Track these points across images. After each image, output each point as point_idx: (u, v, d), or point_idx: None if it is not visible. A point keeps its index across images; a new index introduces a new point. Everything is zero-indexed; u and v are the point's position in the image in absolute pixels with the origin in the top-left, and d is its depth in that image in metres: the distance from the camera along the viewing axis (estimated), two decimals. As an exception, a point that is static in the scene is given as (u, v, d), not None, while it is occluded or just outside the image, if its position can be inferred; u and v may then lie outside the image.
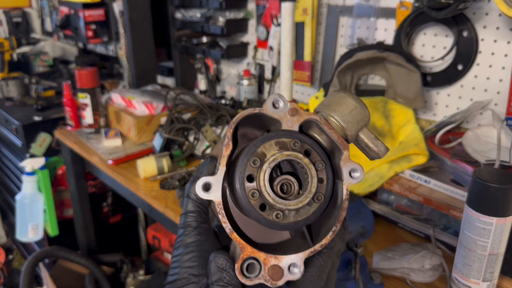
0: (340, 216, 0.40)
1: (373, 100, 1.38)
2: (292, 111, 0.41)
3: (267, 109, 0.40)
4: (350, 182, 0.40)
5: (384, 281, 0.98)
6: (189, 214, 0.43)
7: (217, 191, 0.39)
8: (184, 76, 2.38)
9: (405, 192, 1.19)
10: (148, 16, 2.30)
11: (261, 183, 0.39)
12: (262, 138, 0.40)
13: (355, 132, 0.42)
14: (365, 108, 0.42)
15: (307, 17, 1.68)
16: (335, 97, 0.42)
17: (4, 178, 2.82)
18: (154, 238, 2.29)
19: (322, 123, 0.41)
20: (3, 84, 2.61)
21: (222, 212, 0.39)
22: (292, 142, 0.39)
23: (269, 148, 0.39)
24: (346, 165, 0.40)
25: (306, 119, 0.41)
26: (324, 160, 0.40)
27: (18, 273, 2.69)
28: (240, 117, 0.40)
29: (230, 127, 0.40)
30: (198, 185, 0.39)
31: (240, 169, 0.39)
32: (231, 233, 0.39)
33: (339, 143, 0.40)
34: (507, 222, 0.82)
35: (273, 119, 0.41)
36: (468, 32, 1.29)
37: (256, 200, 0.39)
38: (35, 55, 3.13)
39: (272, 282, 0.39)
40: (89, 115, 1.92)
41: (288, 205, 0.39)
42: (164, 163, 1.52)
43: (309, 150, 0.40)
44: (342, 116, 0.41)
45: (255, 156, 0.39)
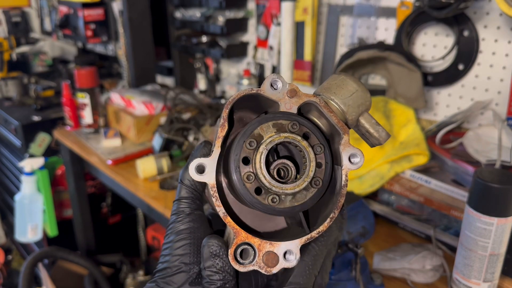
0: (338, 203, 0.38)
1: (373, 100, 1.37)
2: (291, 92, 0.39)
3: (264, 89, 0.39)
4: (349, 167, 0.39)
5: (384, 282, 0.97)
6: (182, 200, 0.42)
7: (211, 173, 0.38)
8: (183, 75, 2.38)
9: (405, 193, 1.18)
10: (147, 16, 2.30)
11: (257, 165, 0.37)
12: (259, 120, 0.38)
13: (355, 117, 0.40)
14: (366, 91, 0.40)
15: (308, 16, 1.68)
16: (335, 80, 0.41)
17: (3, 178, 2.81)
18: (154, 239, 2.28)
19: (321, 105, 0.39)
20: (2, 84, 2.60)
21: (216, 195, 0.38)
22: (290, 124, 0.38)
23: (266, 130, 0.38)
24: (346, 150, 0.39)
25: (305, 101, 0.39)
26: (323, 144, 0.38)
27: (17, 273, 2.69)
28: (237, 97, 0.39)
29: (225, 107, 0.39)
30: (191, 167, 0.38)
31: (236, 151, 0.37)
32: (225, 217, 0.38)
33: (339, 127, 0.39)
34: (508, 223, 0.82)
35: (271, 101, 0.39)
36: (469, 32, 1.29)
37: (251, 183, 0.37)
38: (34, 55, 3.13)
39: (267, 269, 0.37)
40: (88, 115, 1.92)
41: (285, 188, 0.37)
42: (163, 163, 1.51)
43: (307, 133, 0.38)
44: (343, 99, 0.40)
45: (251, 137, 0.37)
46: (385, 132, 0.41)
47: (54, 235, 2.25)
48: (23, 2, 3.35)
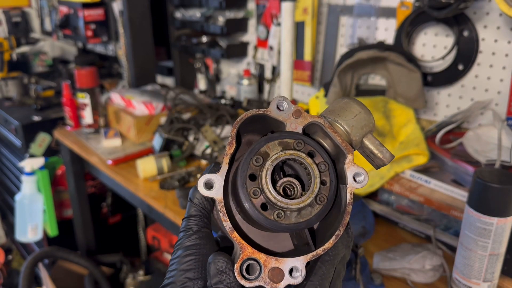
0: (343, 221, 0.39)
1: (373, 100, 1.38)
2: (296, 113, 0.41)
3: (271, 110, 0.40)
4: (354, 186, 0.40)
5: (384, 282, 0.97)
6: (191, 218, 0.43)
7: (219, 189, 0.39)
8: (183, 75, 2.38)
9: (405, 193, 1.18)
10: (147, 16, 2.30)
11: (263, 180, 0.38)
12: (266, 138, 0.40)
13: (359, 138, 0.42)
14: (370, 113, 0.42)
15: (307, 16, 1.68)
16: (339, 103, 0.43)
17: (3, 178, 2.81)
18: (154, 239, 2.28)
19: (326, 126, 0.41)
20: (2, 84, 2.60)
21: (223, 210, 0.39)
22: (296, 143, 0.39)
23: (272, 148, 0.39)
24: (350, 169, 0.40)
25: (310, 121, 0.41)
26: (327, 162, 0.39)
27: (18, 273, 2.69)
28: (245, 117, 0.40)
29: (234, 126, 0.40)
30: (200, 182, 0.39)
31: (243, 168, 0.39)
32: (231, 232, 0.38)
33: (343, 147, 0.40)
34: (507, 223, 0.82)
35: (277, 121, 0.41)
36: (469, 32, 1.29)
37: (257, 199, 0.38)
38: (34, 55, 3.13)
39: (272, 285, 0.38)
40: (89, 115, 1.92)
41: (290, 204, 0.38)
42: (163, 163, 1.52)
43: (312, 152, 0.40)
44: (347, 121, 0.41)
45: (258, 155, 0.39)
46: (389, 153, 0.42)
47: (54, 235, 2.25)
48: (23, 2, 3.35)
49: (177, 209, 1.34)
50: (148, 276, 2.23)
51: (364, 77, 1.54)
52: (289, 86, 1.29)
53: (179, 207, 1.34)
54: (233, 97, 2.04)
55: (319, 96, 1.48)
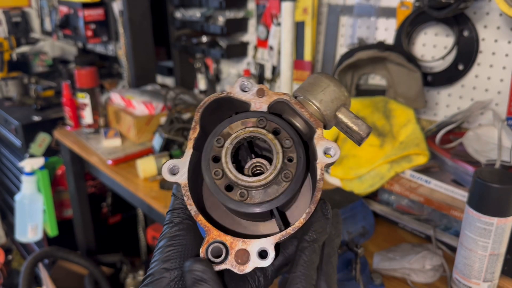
0: (314, 197, 0.37)
1: (373, 100, 1.38)
2: (260, 92, 0.40)
3: (234, 92, 0.40)
4: (324, 161, 0.38)
5: (384, 282, 0.97)
6: (174, 211, 0.42)
7: (183, 174, 0.39)
8: (183, 75, 2.38)
9: (405, 193, 1.18)
10: (147, 16, 2.30)
11: (223, 159, 0.37)
12: (229, 119, 0.39)
13: (330, 112, 0.40)
14: (340, 86, 0.40)
15: (308, 16, 1.68)
16: (309, 79, 0.41)
17: (3, 178, 2.81)
18: (154, 238, 2.28)
19: (292, 102, 0.39)
20: (3, 84, 2.60)
21: (187, 194, 0.38)
22: (258, 121, 0.38)
23: (235, 128, 0.38)
24: (320, 143, 0.38)
25: (275, 99, 0.40)
26: (292, 138, 0.38)
27: (18, 273, 2.69)
28: (208, 100, 0.39)
29: (197, 110, 0.40)
30: (164, 168, 0.39)
31: (206, 150, 0.38)
32: (197, 216, 0.38)
33: (311, 122, 0.39)
34: (508, 223, 0.82)
35: (243, 103, 0.40)
36: (469, 32, 1.29)
37: (220, 180, 0.37)
38: (35, 55, 3.13)
39: (239, 267, 0.36)
40: (89, 115, 1.92)
41: (252, 182, 0.37)
42: (163, 163, 1.51)
43: (277, 129, 0.39)
44: (315, 95, 0.40)
45: (220, 136, 0.38)
46: (365, 125, 0.40)
47: (54, 235, 2.25)
48: (23, 2, 3.35)
49: (177, 209, 1.34)
50: (148, 276, 2.23)
51: (364, 77, 1.54)
52: (289, 86, 1.29)
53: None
54: (233, 97, 2.04)
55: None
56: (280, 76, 1.31)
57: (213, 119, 0.41)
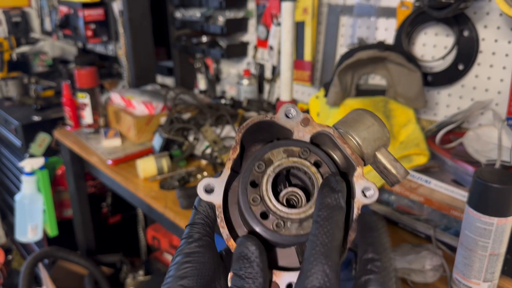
0: (349, 237, 0.37)
1: (373, 100, 1.38)
2: (305, 121, 0.39)
3: (279, 117, 0.39)
4: (362, 201, 0.37)
5: (384, 282, 0.97)
6: (194, 225, 0.42)
7: (219, 194, 0.38)
8: (183, 75, 2.38)
9: (405, 193, 1.18)
10: (147, 16, 2.30)
11: (263, 187, 0.37)
12: (271, 145, 0.38)
13: (371, 151, 0.40)
14: (384, 126, 0.40)
15: (308, 16, 1.68)
16: (352, 114, 0.41)
17: (3, 178, 2.81)
18: (154, 239, 2.28)
19: (335, 136, 0.39)
20: (2, 84, 2.60)
21: (221, 216, 0.38)
22: (301, 151, 0.38)
23: (276, 155, 0.38)
24: (359, 182, 0.38)
25: (318, 130, 0.39)
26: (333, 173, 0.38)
27: (17, 273, 2.69)
28: (251, 122, 0.39)
29: (239, 131, 0.39)
30: (200, 186, 0.38)
31: (245, 173, 0.38)
32: (228, 240, 0.37)
33: (353, 159, 0.38)
34: (508, 223, 0.82)
35: (284, 129, 0.39)
36: (469, 32, 1.29)
37: (257, 206, 0.37)
38: (34, 55, 3.13)
39: None
40: (89, 115, 1.92)
41: (290, 214, 0.36)
42: (163, 163, 1.52)
43: (318, 161, 0.38)
44: (358, 132, 0.39)
45: (261, 161, 0.38)
46: (404, 169, 0.40)
47: (54, 235, 2.25)
48: (23, 2, 3.35)
49: (177, 209, 1.34)
50: (148, 276, 2.23)
51: (364, 77, 1.54)
52: (289, 86, 1.29)
53: (179, 207, 1.34)
54: (233, 97, 2.04)
55: (319, 96, 1.48)
56: (280, 76, 1.31)
57: (250, 138, 0.41)
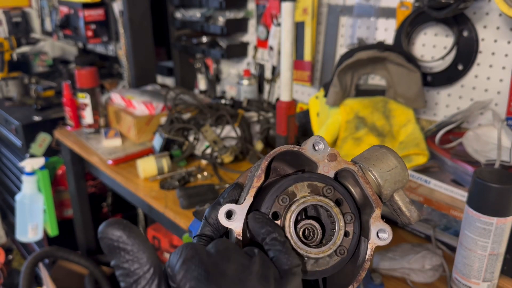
0: (359, 276, 0.38)
1: (373, 100, 1.38)
2: (331, 157, 0.39)
3: (306, 149, 0.39)
4: (376, 242, 0.38)
5: (384, 282, 0.98)
6: (202, 237, 0.41)
7: (240, 221, 0.38)
8: (183, 75, 2.38)
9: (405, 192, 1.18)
10: (147, 16, 2.30)
11: (286, 223, 0.37)
12: (296, 178, 0.38)
13: (390, 192, 0.40)
14: (406, 169, 0.40)
15: (307, 16, 1.68)
16: (376, 152, 0.41)
17: (3, 178, 2.81)
18: (154, 238, 2.29)
19: (359, 175, 0.39)
20: (3, 84, 2.60)
21: (240, 244, 0.38)
22: (325, 188, 0.38)
23: (300, 189, 0.38)
24: (375, 224, 0.38)
25: (343, 167, 0.39)
26: (354, 213, 0.38)
27: (18, 273, 2.69)
28: (279, 151, 0.39)
29: (265, 159, 0.39)
30: (222, 211, 0.38)
31: (267, 203, 0.38)
32: None
33: (373, 200, 0.38)
34: (507, 222, 0.82)
35: (310, 161, 0.40)
36: (469, 32, 1.29)
37: None
38: (35, 55, 3.13)
39: None
40: (89, 115, 1.92)
41: (309, 252, 0.37)
42: (163, 163, 1.52)
43: (340, 200, 0.38)
44: (381, 173, 0.40)
45: (285, 194, 0.38)
46: (417, 213, 0.41)
47: (55, 235, 2.25)
48: (23, 2, 3.35)
49: (177, 209, 1.34)
50: (148, 276, 2.23)
51: (364, 77, 1.54)
52: (289, 86, 1.29)
53: (179, 207, 1.34)
54: (233, 97, 2.04)
55: (319, 96, 1.48)
56: (280, 76, 1.31)
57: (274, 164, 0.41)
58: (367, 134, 1.33)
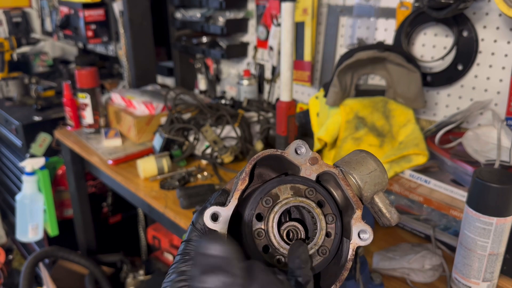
0: (341, 276, 0.39)
1: (373, 100, 1.38)
2: (313, 160, 0.41)
3: (288, 153, 0.41)
4: (357, 243, 0.39)
5: (384, 281, 0.98)
6: (189, 242, 0.42)
7: (225, 223, 0.39)
8: (184, 76, 2.38)
9: (405, 192, 1.18)
10: (148, 16, 2.30)
11: (270, 223, 0.38)
12: (279, 180, 0.40)
13: (370, 194, 0.42)
14: (385, 172, 0.42)
15: (307, 17, 1.68)
16: (356, 156, 0.43)
17: (4, 178, 2.82)
18: (154, 238, 2.29)
19: (340, 178, 0.40)
20: (3, 84, 2.61)
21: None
22: (308, 190, 0.39)
23: (283, 191, 0.39)
24: (357, 224, 0.39)
25: (325, 170, 0.41)
26: (335, 214, 0.39)
27: (18, 273, 2.70)
28: (262, 155, 0.40)
29: (249, 163, 0.40)
30: (207, 214, 0.39)
31: (252, 206, 0.39)
32: None
33: (354, 202, 0.40)
34: (507, 222, 0.82)
35: (292, 164, 0.41)
36: (468, 32, 1.29)
37: (261, 240, 0.38)
38: (35, 55, 3.13)
39: None
40: (89, 115, 1.92)
41: None
42: (164, 163, 1.52)
43: (322, 201, 0.40)
44: (361, 176, 0.41)
45: (268, 196, 0.39)
46: (397, 215, 0.42)
47: (55, 234, 2.25)
48: (23, 2, 3.35)
49: (177, 209, 1.34)
50: (149, 276, 2.23)
51: (364, 77, 1.54)
52: (289, 86, 1.29)
53: (179, 207, 1.35)
54: (233, 97, 2.04)
55: (318, 96, 1.49)
56: (280, 76, 1.31)
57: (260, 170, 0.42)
58: (367, 134, 1.33)
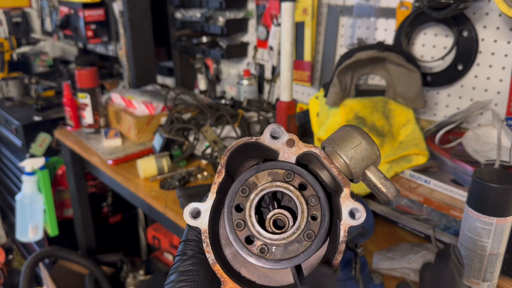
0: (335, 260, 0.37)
1: (373, 100, 1.38)
2: (290, 142, 0.38)
3: (264, 139, 0.39)
4: (349, 223, 0.37)
5: (384, 281, 0.98)
6: (187, 242, 0.42)
7: (205, 218, 0.38)
8: (184, 76, 2.38)
9: (405, 192, 1.18)
10: (148, 16, 2.30)
11: (247, 212, 0.37)
12: (256, 168, 0.38)
13: (360, 170, 0.38)
14: (373, 144, 0.39)
15: (307, 17, 1.68)
16: (340, 132, 0.40)
17: (4, 178, 2.82)
18: (154, 238, 2.29)
19: (322, 156, 0.38)
20: (3, 84, 2.61)
21: (206, 241, 0.37)
22: (285, 174, 0.37)
23: (261, 178, 0.38)
24: (346, 203, 0.37)
25: (304, 151, 0.39)
26: (319, 196, 0.37)
27: (18, 273, 2.70)
28: (236, 145, 0.39)
29: (224, 154, 0.39)
30: (185, 211, 0.38)
31: (230, 197, 0.37)
32: (214, 265, 0.37)
33: (339, 179, 0.37)
34: (507, 222, 0.82)
35: (271, 150, 0.39)
36: (468, 32, 1.29)
37: (242, 231, 0.37)
38: (35, 55, 3.13)
39: None
40: (89, 115, 1.92)
41: (273, 239, 0.36)
42: (164, 163, 1.52)
43: (304, 183, 0.37)
44: (345, 151, 0.38)
45: (245, 185, 0.37)
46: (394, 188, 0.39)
47: (55, 234, 2.26)
48: (24, 2, 3.35)
49: (177, 209, 1.34)
50: (149, 276, 2.23)
51: (364, 77, 1.54)
52: (289, 86, 1.29)
53: (179, 207, 1.35)
54: (233, 97, 2.04)
55: (318, 96, 1.49)
56: (280, 76, 1.31)
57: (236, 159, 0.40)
58: (367, 134, 1.33)
